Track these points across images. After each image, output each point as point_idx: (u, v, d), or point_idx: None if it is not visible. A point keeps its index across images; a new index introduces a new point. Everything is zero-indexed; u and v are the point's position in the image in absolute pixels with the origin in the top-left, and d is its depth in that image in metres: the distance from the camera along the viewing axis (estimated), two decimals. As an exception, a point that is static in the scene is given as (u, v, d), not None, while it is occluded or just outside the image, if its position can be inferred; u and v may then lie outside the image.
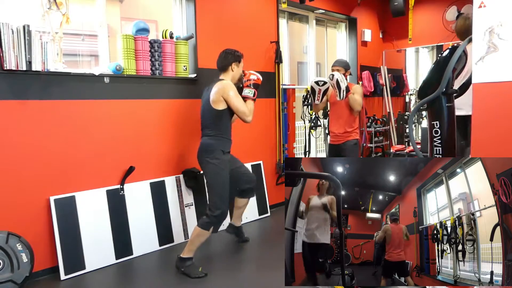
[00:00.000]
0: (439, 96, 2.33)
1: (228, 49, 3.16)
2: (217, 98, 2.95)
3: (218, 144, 3.01)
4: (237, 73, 3.13)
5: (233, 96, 2.95)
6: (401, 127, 6.27)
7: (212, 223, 2.94)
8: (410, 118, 2.94)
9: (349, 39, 6.06)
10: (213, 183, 3.00)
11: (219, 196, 2.98)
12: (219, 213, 2.94)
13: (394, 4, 5.77)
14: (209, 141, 3.02)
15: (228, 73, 3.10)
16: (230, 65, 3.09)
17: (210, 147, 2.99)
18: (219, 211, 2.95)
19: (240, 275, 2.99)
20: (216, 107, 2.96)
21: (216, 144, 3.00)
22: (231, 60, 3.09)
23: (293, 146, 4.99)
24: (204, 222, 2.95)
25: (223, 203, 2.99)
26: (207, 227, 2.94)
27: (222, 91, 2.94)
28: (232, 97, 2.94)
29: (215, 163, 2.97)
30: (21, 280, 2.69)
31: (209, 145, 3.00)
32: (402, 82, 6.67)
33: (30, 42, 2.71)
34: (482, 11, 1.88)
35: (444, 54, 2.35)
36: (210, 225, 2.94)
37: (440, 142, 2.38)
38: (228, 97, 2.94)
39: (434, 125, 2.40)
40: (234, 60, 3.10)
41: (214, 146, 2.99)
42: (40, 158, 2.93)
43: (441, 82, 2.28)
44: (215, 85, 3.00)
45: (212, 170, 2.99)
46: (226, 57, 3.10)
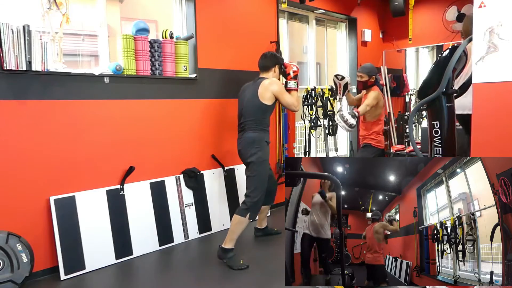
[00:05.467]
0: (439, 96, 2.33)
1: (273, 52, 3.52)
2: (267, 94, 3.18)
3: (263, 136, 3.25)
4: (277, 75, 3.40)
5: (283, 92, 3.23)
6: (401, 127, 6.27)
7: (249, 210, 3.12)
8: (410, 118, 2.93)
9: (349, 39, 6.06)
10: (257, 172, 3.19)
11: (260, 184, 3.18)
12: (257, 199, 3.14)
13: (394, 4, 5.77)
14: (254, 134, 3.23)
15: (269, 73, 3.35)
16: (273, 66, 3.36)
17: (257, 139, 3.22)
18: (257, 198, 3.15)
19: (240, 275, 2.98)
20: (265, 102, 3.20)
21: (261, 136, 3.24)
22: (275, 62, 3.36)
23: (293, 146, 4.98)
24: (242, 209, 3.13)
25: (261, 192, 3.18)
26: (244, 213, 3.11)
27: (273, 88, 3.19)
28: (282, 93, 3.22)
29: (261, 155, 3.20)
30: (21, 280, 2.69)
31: (255, 137, 3.22)
32: (402, 82, 6.66)
33: (30, 42, 2.71)
34: (482, 11, 1.88)
35: (444, 54, 2.35)
36: (247, 211, 3.11)
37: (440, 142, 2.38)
38: (278, 93, 3.20)
39: (434, 125, 2.40)
40: (277, 63, 3.38)
41: (260, 138, 3.23)
42: (40, 158, 2.93)
43: (441, 82, 2.28)
44: (262, 82, 3.22)
45: (258, 159, 3.19)
46: (271, 58, 3.37)
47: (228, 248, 3.11)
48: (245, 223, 3.13)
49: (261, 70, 3.38)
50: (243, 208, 3.13)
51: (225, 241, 3.14)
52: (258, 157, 3.18)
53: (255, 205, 3.15)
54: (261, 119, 3.24)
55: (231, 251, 3.12)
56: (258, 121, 3.23)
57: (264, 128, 3.27)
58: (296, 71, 3.43)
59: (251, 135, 3.23)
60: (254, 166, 3.20)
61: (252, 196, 3.14)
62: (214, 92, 4.00)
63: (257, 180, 3.18)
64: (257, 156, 3.18)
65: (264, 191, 3.22)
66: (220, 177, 4.06)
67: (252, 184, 3.18)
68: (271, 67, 3.35)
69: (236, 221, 3.12)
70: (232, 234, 3.12)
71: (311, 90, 4.92)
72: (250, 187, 3.19)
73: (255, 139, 3.21)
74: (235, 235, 3.13)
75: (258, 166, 3.19)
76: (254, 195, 3.14)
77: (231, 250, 3.12)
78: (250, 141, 3.22)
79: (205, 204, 3.89)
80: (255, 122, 3.23)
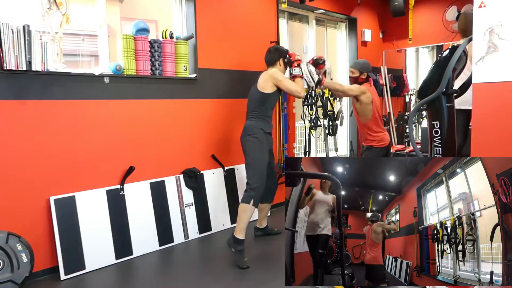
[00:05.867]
0: (439, 96, 2.33)
1: (277, 45, 3.55)
2: (265, 83, 3.26)
3: (258, 124, 3.29)
4: (282, 68, 3.44)
5: (283, 79, 3.27)
6: (401, 127, 6.27)
7: (252, 196, 3.14)
8: (410, 118, 2.94)
9: (349, 39, 6.06)
10: (252, 159, 3.24)
11: (257, 171, 3.20)
12: (257, 185, 3.16)
13: (394, 4, 5.76)
14: (250, 122, 3.31)
15: (275, 67, 3.41)
16: (278, 60, 3.40)
17: (251, 126, 3.28)
18: (257, 184, 3.17)
19: (240, 275, 2.98)
20: (262, 91, 3.26)
21: (256, 124, 3.28)
22: (279, 56, 3.40)
23: (293, 146, 4.99)
24: (245, 196, 3.17)
25: (261, 178, 3.20)
26: (248, 200, 3.14)
27: (271, 76, 3.26)
28: (282, 80, 3.26)
29: (254, 140, 3.24)
30: (21, 280, 2.69)
31: (250, 125, 3.30)
32: (402, 82, 6.66)
33: (30, 42, 2.71)
34: (482, 11, 1.88)
35: (444, 54, 2.35)
36: (250, 198, 3.14)
37: (440, 142, 2.39)
38: (278, 81, 3.25)
39: (434, 125, 2.40)
40: (281, 56, 3.41)
41: (254, 125, 3.28)
42: (40, 158, 2.93)
43: (441, 82, 2.29)
44: (262, 73, 3.33)
45: (251, 146, 3.24)
46: (275, 52, 3.42)
47: (240, 239, 3.12)
48: (251, 209, 3.15)
49: (267, 65, 3.45)
50: (246, 195, 3.17)
51: (235, 230, 3.16)
52: (251, 143, 3.24)
53: (256, 192, 3.16)
54: (259, 108, 3.30)
55: (241, 244, 3.12)
56: (256, 110, 3.31)
57: (262, 117, 3.31)
58: (299, 60, 3.48)
59: (247, 123, 3.33)
60: (248, 152, 3.26)
61: (251, 183, 3.18)
62: (214, 92, 4.00)
63: (253, 167, 3.22)
64: (250, 142, 3.24)
65: (264, 177, 3.23)
66: (220, 177, 4.06)
67: (250, 171, 3.24)
68: (276, 60, 3.41)
69: (242, 209, 3.15)
70: (240, 223, 3.15)
71: (311, 90, 4.92)
72: (248, 174, 3.25)
73: (250, 127, 3.29)
74: (242, 224, 3.14)
75: (252, 152, 3.24)
76: (252, 182, 3.18)
77: (242, 242, 3.12)
78: (245, 129, 3.31)
79: (205, 204, 3.89)
80: (253, 111, 3.32)
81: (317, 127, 5.00)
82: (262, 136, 3.28)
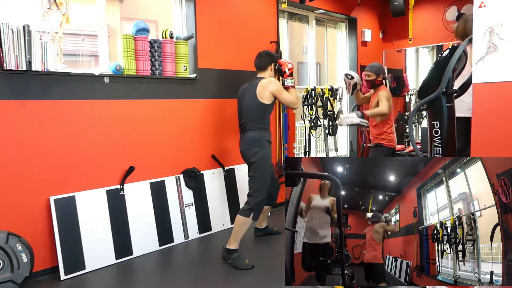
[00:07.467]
0: (439, 96, 2.33)
1: (267, 50, 3.45)
2: (266, 94, 3.18)
3: (264, 135, 3.25)
4: (273, 72, 3.40)
5: (281, 90, 3.23)
6: (401, 127, 6.27)
7: (253, 210, 3.12)
8: (410, 118, 2.94)
9: (349, 39, 6.06)
10: (259, 172, 3.19)
11: (262, 184, 3.18)
12: (260, 199, 3.14)
13: (394, 4, 5.76)
14: (256, 133, 3.24)
15: (266, 72, 3.35)
16: (269, 65, 3.36)
17: (258, 138, 3.23)
18: (260, 198, 3.14)
19: (240, 275, 2.98)
20: (264, 102, 3.20)
21: (262, 135, 3.24)
22: (270, 61, 3.36)
23: (293, 146, 4.98)
24: (245, 210, 3.13)
25: (264, 191, 3.18)
26: (248, 214, 3.11)
27: (271, 87, 3.19)
28: (281, 91, 3.22)
29: (263, 153, 3.20)
30: (21, 280, 2.69)
31: (256, 137, 3.23)
32: (402, 82, 6.65)
33: (30, 42, 2.71)
34: (482, 11, 1.88)
35: (444, 54, 2.35)
36: (251, 211, 3.11)
37: (440, 142, 2.39)
38: (277, 92, 3.20)
39: (434, 125, 2.40)
40: (273, 61, 3.37)
41: (261, 137, 3.23)
42: (40, 158, 2.93)
43: (441, 82, 2.28)
44: (260, 82, 3.22)
45: (260, 159, 3.19)
46: (266, 57, 3.37)
47: (233, 249, 3.11)
48: (249, 223, 3.12)
49: (258, 70, 3.38)
50: (246, 209, 3.12)
51: (229, 242, 3.14)
52: (260, 157, 3.18)
53: (258, 205, 3.14)
54: (261, 119, 3.24)
55: (235, 252, 3.12)
56: (258, 120, 3.23)
57: (265, 127, 3.27)
58: (291, 69, 3.41)
59: (252, 134, 3.23)
60: (256, 165, 3.19)
61: (255, 196, 3.14)
62: (214, 92, 4.00)
63: (260, 180, 3.17)
64: (259, 155, 3.18)
65: (267, 190, 3.22)
66: (220, 177, 4.06)
67: (255, 184, 3.18)
68: (267, 65, 3.35)
69: (240, 222, 3.12)
70: (236, 235, 3.12)
71: (311, 90, 4.92)
72: (253, 187, 3.18)
73: (257, 139, 3.22)
74: (239, 236, 3.12)
75: (260, 166, 3.18)
76: (257, 195, 3.14)
77: (236, 251, 3.12)
78: (251, 141, 3.22)
79: (205, 204, 3.90)
80: (255, 122, 3.23)
81: (317, 127, 5.00)
82: (268, 148, 3.26)
